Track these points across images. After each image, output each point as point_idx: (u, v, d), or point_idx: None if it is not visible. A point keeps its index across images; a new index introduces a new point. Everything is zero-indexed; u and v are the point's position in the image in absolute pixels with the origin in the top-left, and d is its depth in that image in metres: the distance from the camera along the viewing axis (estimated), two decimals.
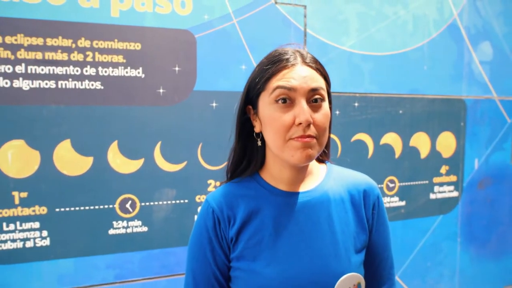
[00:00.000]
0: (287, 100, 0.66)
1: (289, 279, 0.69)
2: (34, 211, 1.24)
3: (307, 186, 0.74)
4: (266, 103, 0.68)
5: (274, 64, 0.68)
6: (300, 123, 0.64)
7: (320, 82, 0.68)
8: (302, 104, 0.65)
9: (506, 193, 2.01)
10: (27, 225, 1.24)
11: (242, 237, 0.71)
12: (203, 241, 0.72)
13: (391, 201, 1.74)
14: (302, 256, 0.70)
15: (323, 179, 0.75)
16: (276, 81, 0.66)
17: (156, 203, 1.37)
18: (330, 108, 0.72)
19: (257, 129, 0.72)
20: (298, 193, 0.73)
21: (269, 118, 0.67)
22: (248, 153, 0.76)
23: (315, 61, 0.70)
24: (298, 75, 0.66)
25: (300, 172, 0.73)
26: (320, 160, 0.79)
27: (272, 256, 0.69)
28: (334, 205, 0.73)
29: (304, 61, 0.68)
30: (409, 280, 1.81)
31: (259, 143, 0.74)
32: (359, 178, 0.77)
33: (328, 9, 1.57)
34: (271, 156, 0.73)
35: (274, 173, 0.73)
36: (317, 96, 0.66)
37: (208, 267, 0.72)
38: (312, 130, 0.65)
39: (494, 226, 2.00)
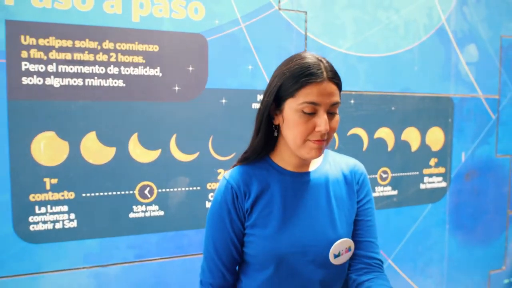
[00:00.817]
0: (311, 110, 0.78)
1: (293, 243, 0.83)
2: (63, 195, 1.38)
3: (309, 168, 0.88)
4: (292, 108, 0.79)
5: (305, 76, 0.77)
6: (319, 131, 0.78)
7: (338, 97, 0.80)
8: (323, 116, 0.78)
9: (491, 184, 2.16)
10: (57, 209, 1.38)
11: (255, 208, 0.85)
12: (222, 213, 0.86)
13: (384, 190, 1.88)
14: (304, 225, 0.84)
15: (321, 163, 0.90)
16: (305, 95, 0.77)
17: (171, 189, 1.51)
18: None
19: (276, 122, 0.84)
20: (302, 173, 0.87)
21: (294, 122, 0.79)
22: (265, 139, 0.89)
23: (336, 75, 0.80)
24: (325, 92, 0.77)
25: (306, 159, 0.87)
26: None
27: (280, 224, 0.83)
28: (331, 184, 0.87)
29: (328, 77, 0.78)
30: (401, 264, 1.95)
31: (276, 133, 0.86)
32: (350, 162, 0.92)
33: (327, 14, 1.72)
34: (283, 144, 0.86)
35: (284, 158, 0.87)
36: (333, 109, 0.80)
37: (227, 234, 0.86)
38: (326, 135, 0.80)
39: (480, 215, 2.15)
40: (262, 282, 0.86)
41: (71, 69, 1.35)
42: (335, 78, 0.80)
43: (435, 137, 1.98)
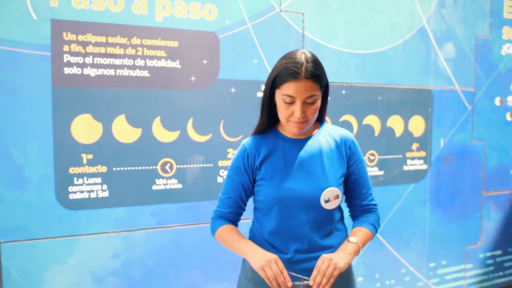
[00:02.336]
0: (290, 101, 1.02)
1: (292, 190, 1.07)
2: (97, 169, 1.61)
3: (306, 135, 1.13)
4: (278, 96, 1.04)
5: (288, 74, 0.99)
6: (295, 117, 1.02)
7: (313, 90, 0.99)
8: (298, 106, 1.01)
9: (467, 168, 2.41)
10: (92, 180, 1.61)
11: (263, 166, 1.10)
12: (239, 164, 1.12)
13: (371, 171, 2.14)
14: (301, 177, 1.08)
15: (317, 132, 1.14)
16: (285, 89, 1.00)
17: (188, 166, 1.75)
18: (327, 94, 1.09)
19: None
20: (301, 139, 1.12)
21: (279, 107, 1.05)
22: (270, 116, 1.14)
23: (314, 75, 0.99)
24: (300, 88, 0.99)
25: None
26: (319, 120, 1.18)
27: (282, 177, 1.08)
28: (324, 148, 1.11)
29: (306, 77, 0.98)
30: (387, 236, 2.21)
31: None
32: (342, 132, 1.15)
33: (322, 16, 1.97)
34: None
35: (286, 129, 1.12)
36: (309, 100, 1.02)
37: (239, 179, 1.12)
38: (303, 118, 1.03)
39: (457, 195, 2.40)
40: (268, 222, 1.11)
41: (105, 61, 1.59)
42: (313, 77, 0.99)
43: (417, 125, 2.24)
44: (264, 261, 0.99)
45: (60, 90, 1.54)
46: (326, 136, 1.14)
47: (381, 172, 2.16)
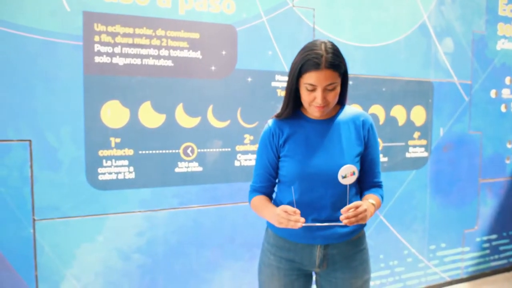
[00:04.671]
0: (312, 89, 1.13)
1: (312, 166, 1.18)
2: (124, 152, 1.72)
3: (327, 116, 1.25)
4: (302, 83, 1.15)
5: (310, 65, 1.08)
6: (316, 103, 1.14)
7: (333, 78, 1.09)
8: (319, 93, 1.12)
9: (465, 156, 2.55)
10: (119, 162, 1.72)
11: (287, 144, 1.22)
12: (266, 143, 1.24)
13: None
14: (321, 155, 1.19)
15: (337, 113, 1.26)
16: (307, 78, 1.09)
17: (208, 150, 1.86)
18: (347, 80, 1.19)
19: None
20: (321, 120, 1.23)
21: (302, 93, 1.16)
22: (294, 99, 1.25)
23: (333, 65, 1.08)
24: (320, 77, 1.08)
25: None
26: (340, 103, 1.29)
27: (304, 154, 1.19)
28: (342, 128, 1.22)
29: (326, 67, 1.08)
30: (390, 219, 2.34)
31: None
32: (361, 113, 1.26)
33: (331, 11, 2.10)
34: None
35: (308, 111, 1.24)
36: (330, 87, 1.13)
37: (265, 156, 1.24)
38: (324, 103, 1.14)
39: (456, 181, 2.54)
40: (290, 194, 1.22)
41: (132, 51, 1.70)
42: (332, 66, 1.09)
43: (418, 114, 2.37)
44: (274, 216, 1.12)
45: (91, 78, 1.64)
46: (346, 118, 1.24)
47: (385, 159, 2.29)
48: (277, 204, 1.27)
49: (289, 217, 1.08)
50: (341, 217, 1.08)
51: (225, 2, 1.85)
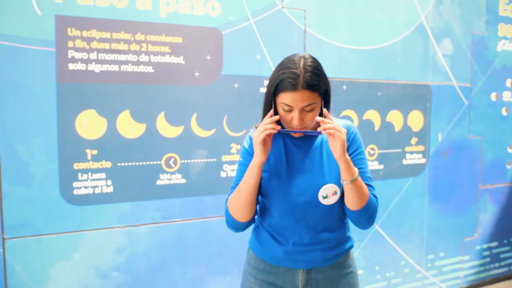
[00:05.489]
0: (288, 109, 1.03)
1: (291, 185, 1.09)
2: (101, 165, 1.62)
3: (308, 140, 1.12)
4: (278, 102, 1.04)
5: (286, 85, 0.98)
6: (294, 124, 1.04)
7: (311, 99, 0.99)
8: (296, 115, 1.01)
9: (464, 161, 2.46)
10: (96, 176, 1.61)
11: (267, 160, 1.12)
12: (247, 155, 1.13)
13: (371, 165, 2.17)
14: (300, 173, 1.10)
15: (319, 128, 1.15)
16: (283, 98, 1.00)
17: (192, 160, 1.76)
18: (328, 99, 1.07)
19: None
20: (302, 139, 1.13)
21: (279, 111, 1.05)
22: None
23: (311, 85, 0.98)
24: (297, 98, 0.98)
25: None
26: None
27: (282, 173, 1.10)
28: (325, 144, 1.12)
29: (303, 87, 0.97)
30: (386, 229, 2.24)
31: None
32: (344, 123, 1.15)
33: (323, 12, 1.99)
34: None
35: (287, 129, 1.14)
36: (307, 108, 1.02)
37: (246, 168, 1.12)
38: (301, 124, 1.04)
39: (455, 188, 2.45)
40: (268, 215, 1.13)
41: (109, 56, 1.59)
42: (310, 87, 0.98)
43: (416, 119, 2.27)
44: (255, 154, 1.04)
45: (65, 86, 1.54)
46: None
47: (381, 166, 2.20)
48: (257, 226, 1.18)
49: (261, 131, 1.00)
50: (319, 128, 1.01)
51: (209, 3, 1.74)
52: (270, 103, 1.07)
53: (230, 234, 1.85)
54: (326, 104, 1.08)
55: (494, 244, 2.65)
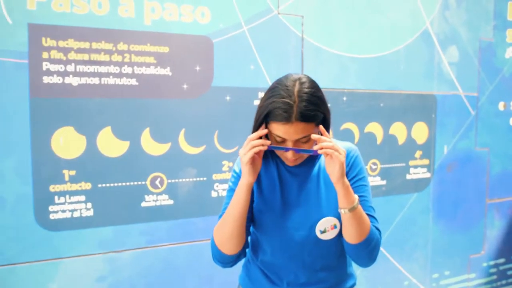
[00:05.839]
0: (281, 140, 0.90)
1: (285, 219, 0.97)
2: (80, 186, 1.49)
3: (305, 166, 1.00)
4: (269, 130, 0.90)
5: (277, 115, 0.86)
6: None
7: (306, 131, 0.87)
8: (290, 146, 0.89)
9: (471, 175, 2.34)
10: (75, 198, 1.48)
11: (258, 185, 1.00)
12: (237, 180, 1.00)
13: (373, 180, 2.04)
14: (296, 205, 0.98)
15: (317, 161, 1.01)
16: (274, 129, 0.88)
17: (180, 180, 1.63)
18: (328, 125, 0.94)
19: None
20: (298, 167, 1.00)
21: (272, 141, 0.92)
22: None
23: (307, 114, 0.86)
24: (290, 131, 0.87)
25: None
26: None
27: (275, 203, 0.98)
28: (321, 170, 1.00)
29: (296, 118, 0.85)
30: (389, 248, 2.12)
31: None
32: (343, 145, 1.01)
33: (322, 19, 1.86)
34: None
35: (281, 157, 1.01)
36: (303, 140, 0.90)
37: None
38: (295, 156, 0.92)
39: (461, 203, 2.32)
40: (261, 250, 1.02)
41: (88, 68, 1.46)
42: (306, 118, 0.86)
43: (420, 131, 2.15)
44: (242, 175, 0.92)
45: (39, 101, 1.41)
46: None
47: (384, 182, 2.07)
48: (249, 261, 1.06)
49: (247, 149, 0.89)
50: (315, 147, 0.89)
51: (198, 10, 1.61)
52: (258, 126, 0.94)
53: None
54: (326, 126, 0.95)
55: (501, 260, 2.53)
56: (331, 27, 1.88)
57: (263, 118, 0.90)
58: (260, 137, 0.91)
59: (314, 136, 0.89)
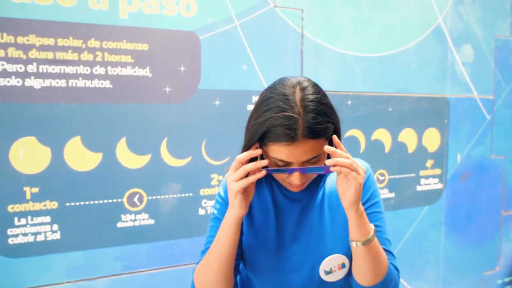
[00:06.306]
0: (283, 164, 0.71)
1: (282, 258, 0.80)
2: (45, 205, 1.28)
3: (306, 190, 0.81)
4: (268, 155, 0.71)
5: (278, 133, 0.67)
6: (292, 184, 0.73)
7: (315, 150, 0.69)
8: (296, 173, 0.70)
9: (486, 185, 2.15)
10: (38, 219, 1.28)
11: (250, 215, 0.83)
12: (225, 201, 0.82)
13: (381, 193, 1.84)
14: (295, 240, 0.81)
15: (321, 182, 0.82)
16: (274, 151, 0.69)
17: (162, 196, 1.43)
18: (339, 135, 0.74)
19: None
20: (298, 195, 0.81)
21: (271, 165, 0.72)
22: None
23: (316, 128, 0.67)
24: (296, 152, 0.68)
25: None
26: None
27: (270, 238, 0.81)
28: (327, 196, 0.81)
29: (303, 135, 0.67)
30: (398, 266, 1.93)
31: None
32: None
33: (324, 12, 1.67)
34: None
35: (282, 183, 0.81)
36: (312, 161, 0.71)
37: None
38: (303, 180, 0.72)
39: (475, 216, 2.14)
40: None
41: (53, 69, 1.26)
42: (315, 135, 0.68)
43: (432, 138, 1.96)
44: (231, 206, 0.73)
45: None
46: (332, 177, 0.83)
47: (392, 195, 1.88)
48: None
49: (242, 169, 0.69)
50: (328, 162, 0.69)
51: (183, 2, 1.41)
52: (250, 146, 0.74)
53: None
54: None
55: None
56: (334, 23, 1.69)
57: (260, 137, 0.69)
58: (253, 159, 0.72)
59: (327, 148, 0.69)
